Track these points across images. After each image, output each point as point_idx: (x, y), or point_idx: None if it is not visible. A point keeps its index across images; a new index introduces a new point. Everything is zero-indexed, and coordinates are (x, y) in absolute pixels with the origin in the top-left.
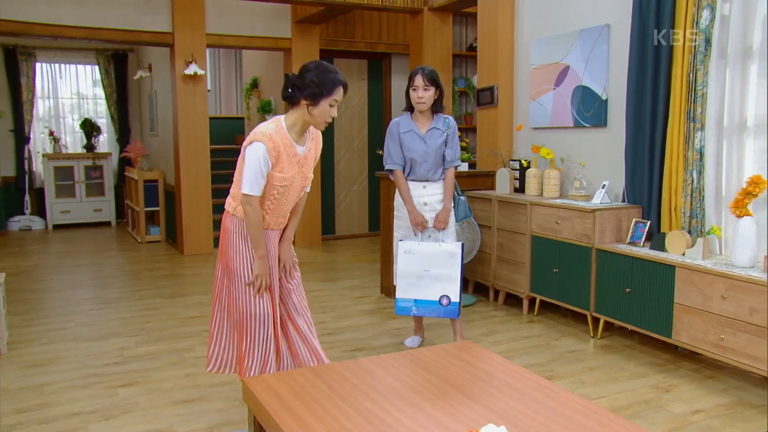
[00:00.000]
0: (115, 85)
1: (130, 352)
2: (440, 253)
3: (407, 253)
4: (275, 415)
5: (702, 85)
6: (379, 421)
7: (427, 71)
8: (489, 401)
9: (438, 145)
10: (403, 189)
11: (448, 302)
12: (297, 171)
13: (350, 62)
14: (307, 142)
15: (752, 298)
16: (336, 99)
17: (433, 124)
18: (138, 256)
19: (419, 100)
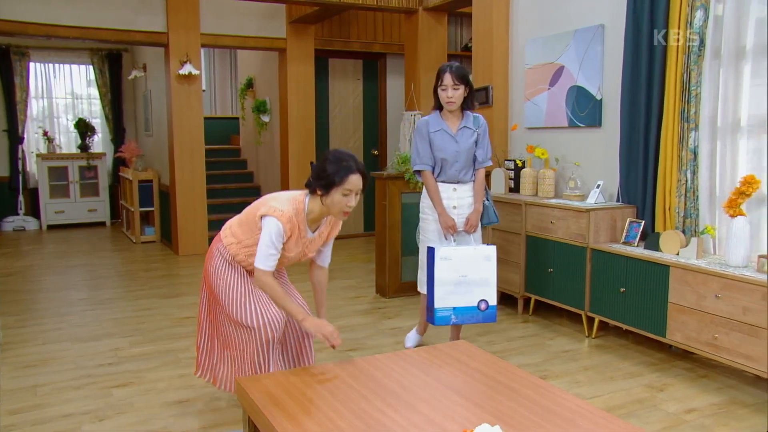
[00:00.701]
0: (110, 85)
1: (124, 353)
2: (477, 258)
3: (444, 260)
4: (269, 415)
5: (696, 85)
6: (373, 420)
7: (456, 68)
8: (483, 401)
9: (469, 144)
10: (433, 190)
11: (486, 307)
12: (299, 251)
13: (345, 62)
14: (321, 227)
15: (746, 298)
16: (348, 188)
17: (463, 123)
18: (133, 256)
19: (449, 100)
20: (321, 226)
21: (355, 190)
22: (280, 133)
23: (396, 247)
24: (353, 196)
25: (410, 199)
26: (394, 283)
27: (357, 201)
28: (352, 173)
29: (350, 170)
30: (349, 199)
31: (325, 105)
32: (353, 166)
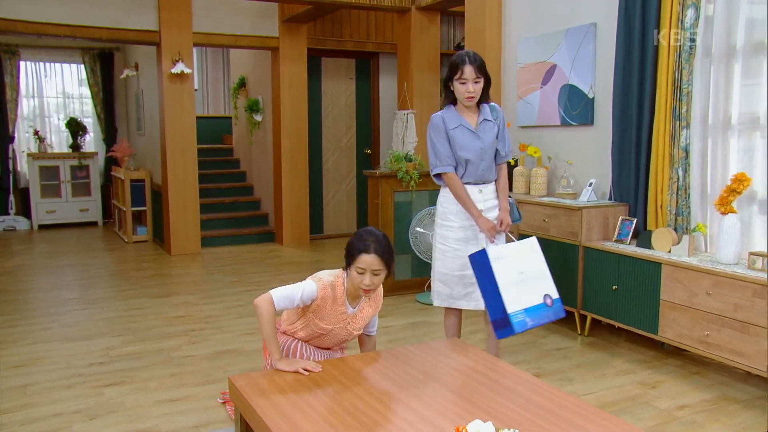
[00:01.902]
0: (102, 84)
1: (115, 352)
2: (524, 251)
3: (498, 259)
4: (261, 412)
5: (687, 84)
6: (366, 418)
7: (478, 60)
8: (476, 398)
9: (492, 139)
10: (463, 192)
11: (551, 302)
12: (341, 327)
13: (338, 61)
14: (362, 303)
15: (736, 295)
16: (361, 267)
17: (482, 116)
18: (124, 256)
19: (469, 95)
20: (361, 303)
21: (368, 269)
22: (272, 133)
23: None
24: (368, 275)
25: (403, 197)
26: (387, 281)
27: (378, 280)
28: (366, 253)
29: (364, 249)
30: (364, 277)
31: (317, 104)
32: (370, 245)
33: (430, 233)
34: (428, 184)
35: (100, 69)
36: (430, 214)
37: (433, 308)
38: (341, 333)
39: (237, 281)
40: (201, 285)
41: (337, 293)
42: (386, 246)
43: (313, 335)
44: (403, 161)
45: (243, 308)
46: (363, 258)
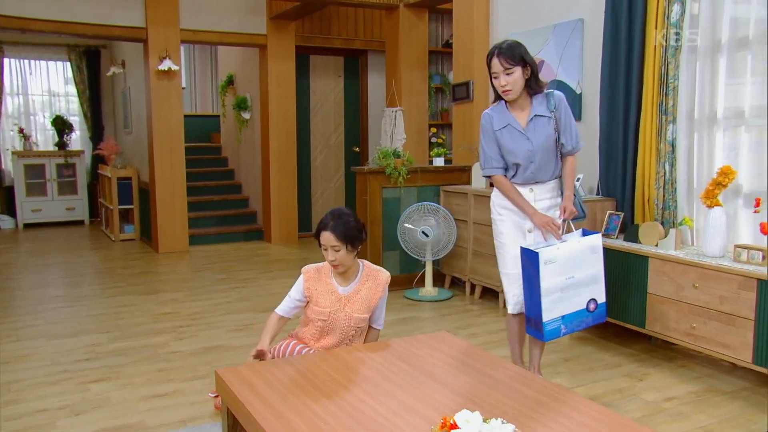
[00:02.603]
0: (88, 82)
1: (101, 349)
2: (582, 252)
3: (549, 263)
4: (249, 405)
5: (673, 79)
6: (353, 409)
7: (505, 49)
8: (464, 389)
9: (546, 137)
10: (513, 193)
11: (595, 306)
12: (339, 309)
13: (326, 59)
14: (355, 284)
15: (722, 287)
16: (322, 244)
17: (534, 111)
18: (111, 254)
19: (504, 89)
20: (353, 284)
21: (327, 245)
22: (260, 131)
23: (377, 243)
24: (330, 252)
25: (391, 194)
26: None
27: (340, 256)
28: (323, 230)
29: (322, 227)
30: (327, 254)
31: (306, 102)
32: (328, 223)
33: (418, 229)
34: (416, 180)
35: (86, 67)
36: (418, 210)
37: (421, 304)
38: (341, 317)
39: (225, 278)
40: (188, 282)
41: (323, 273)
42: (342, 224)
43: (320, 330)
44: (391, 157)
45: (231, 305)
46: (322, 235)
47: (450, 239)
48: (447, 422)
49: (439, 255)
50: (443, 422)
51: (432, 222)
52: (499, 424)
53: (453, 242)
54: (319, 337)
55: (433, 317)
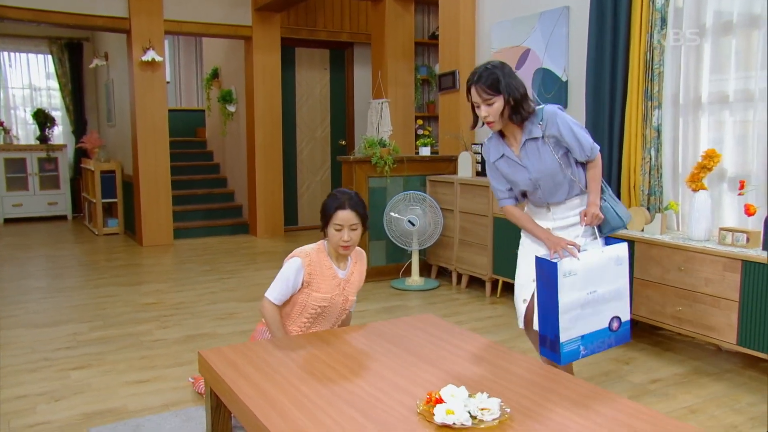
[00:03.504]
0: (70, 75)
1: (83, 337)
2: (606, 263)
3: (568, 275)
4: (232, 384)
5: (659, 64)
6: (338, 388)
7: (484, 77)
8: (450, 367)
9: (543, 160)
10: (523, 219)
11: (618, 325)
12: (338, 293)
13: (312, 51)
14: (350, 266)
15: (707, 269)
16: (338, 223)
17: (525, 136)
18: (94, 247)
19: (486, 120)
20: (349, 266)
21: (345, 224)
22: (246, 124)
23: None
24: (346, 231)
25: (377, 183)
26: None
27: (356, 236)
28: (341, 209)
29: (339, 206)
30: (342, 234)
31: (291, 95)
32: (344, 202)
33: (404, 218)
34: (402, 170)
35: (68, 60)
36: (404, 199)
37: (408, 293)
38: (338, 301)
39: (210, 270)
40: (173, 274)
41: (321, 257)
42: (360, 201)
43: (313, 319)
44: (377, 146)
45: (216, 295)
46: (339, 214)
47: (436, 228)
48: (432, 397)
49: (426, 244)
50: (428, 397)
51: (418, 211)
52: (485, 398)
53: (439, 231)
54: (310, 327)
55: (419, 306)
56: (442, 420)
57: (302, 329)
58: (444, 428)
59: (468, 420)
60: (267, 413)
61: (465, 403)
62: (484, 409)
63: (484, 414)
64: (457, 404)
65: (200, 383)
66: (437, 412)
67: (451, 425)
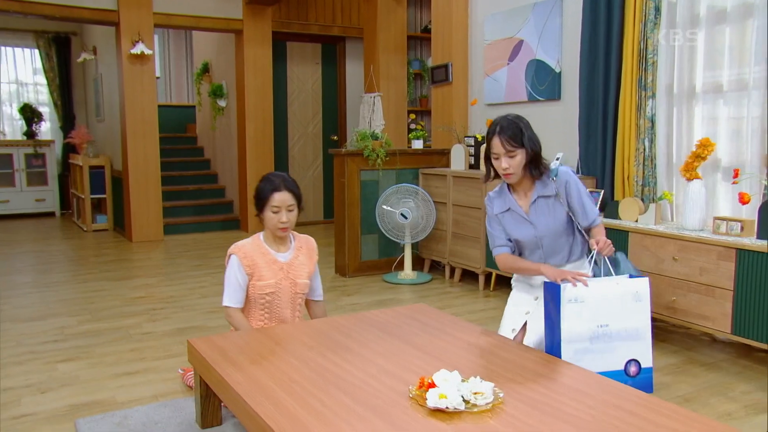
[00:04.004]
0: (58, 69)
1: (71, 330)
2: (621, 296)
3: (573, 302)
4: (222, 371)
5: (653, 53)
6: (329, 373)
7: (507, 128)
8: (442, 354)
9: (553, 219)
10: (519, 263)
11: (637, 371)
12: (282, 277)
13: (304, 46)
14: (293, 250)
15: (702, 258)
16: (275, 205)
17: (537, 193)
18: (83, 243)
19: (505, 172)
20: (291, 249)
21: (282, 206)
22: (237, 119)
23: (355, 226)
24: (283, 212)
25: (369, 176)
26: (353, 262)
27: (292, 217)
28: (277, 191)
29: (275, 188)
30: (280, 215)
31: (283, 89)
32: (279, 184)
33: (396, 211)
34: (395, 163)
35: (56, 54)
36: (397, 192)
37: (400, 287)
38: (286, 286)
39: (201, 265)
40: (163, 269)
41: (258, 246)
42: (294, 182)
43: (267, 310)
44: (369, 139)
45: (206, 289)
46: (276, 196)
47: (429, 221)
48: (424, 382)
49: (418, 237)
50: (421, 382)
51: (411, 204)
52: (478, 381)
53: (432, 224)
54: (269, 319)
55: (412, 299)
56: (434, 404)
57: (263, 322)
58: (436, 412)
59: (461, 404)
60: (258, 400)
61: (458, 388)
62: (477, 393)
63: (477, 398)
64: (450, 388)
65: (189, 375)
66: (430, 396)
67: (443, 409)
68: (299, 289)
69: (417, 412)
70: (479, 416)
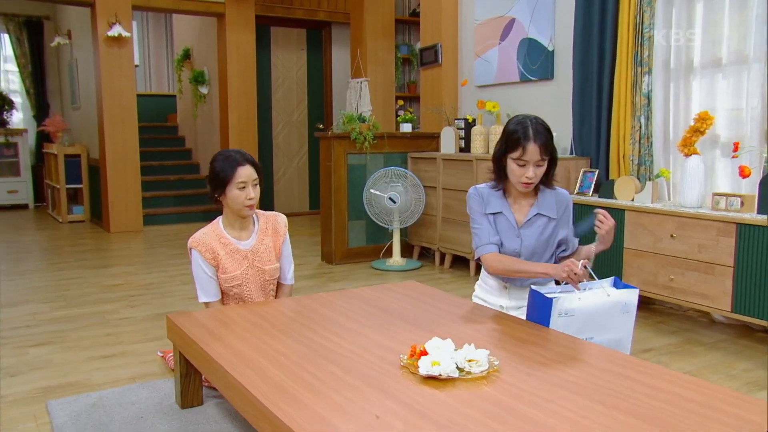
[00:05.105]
0: (30, 56)
1: (43, 316)
2: (609, 309)
3: (564, 316)
4: (204, 345)
5: (649, 27)
6: (317, 346)
7: (542, 134)
8: (434, 326)
9: (540, 239)
10: (513, 263)
11: None
12: (247, 266)
13: (288, 31)
14: (256, 234)
15: (701, 235)
16: (241, 181)
17: (536, 209)
18: (58, 234)
19: (528, 181)
20: (254, 234)
21: (248, 181)
22: (219, 106)
23: (342, 211)
24: (250, 188)
25: (356, 160)
26: (340, 248)
27: (257, 193)
28: (240, 165)
29: (238, 163)
30: (247, 191)
31: (267, 77)
32: (240, 158)
33: (385, 195)
34: (383, 146)
35: (27, 39)
36: (385, 176)
37: (389, 273)
38: (252, 275)
39: (182, 254)
40: (142, 258)
41: (217, 235)
42: (250, 156)
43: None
44: (356, 121)
45: (187, 276)
46: (240, 171)
47: (418, 206)
48: (416, 350)
49: (407, 222)
50: (412, 350)
51: (400, 188)
52: (472, 349)
53: (422, 209)
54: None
55: None
56: (427, 371)
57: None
58: (429, 379)
59: (454, 372)
60: (242, 372)
61: (451, 355)
62: (471, 360)
63: (471, 365)
64: (443, 356)
65: (170, 357)
66: (422, 363)
67: (437, 376)
68: (268, 276)
69: (409, 380)
70: (474, 383)
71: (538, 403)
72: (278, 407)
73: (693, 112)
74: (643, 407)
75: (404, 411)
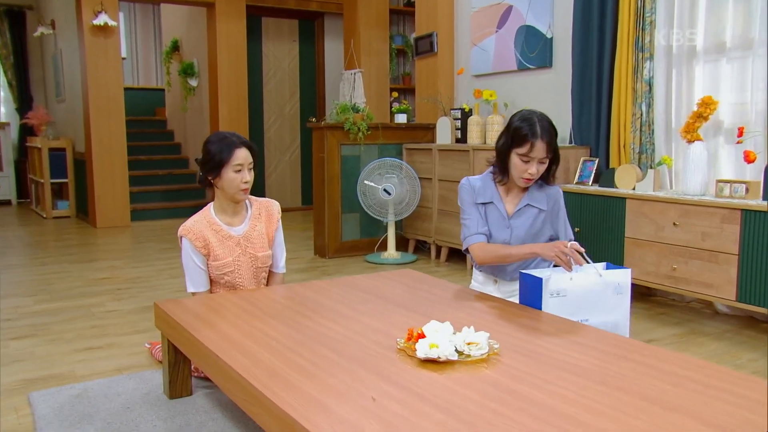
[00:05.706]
0: (12, 46)
1: (25, 310)
2: (603, 289)
3: (556, 296)
4: (194, 331)
5: (650, 12)
6: (311, 331)
7: (548, 131)
8: (431, 312)
9: (529, 230)
10: (501, 249)
11: None
12: (240, 253)
13: (280, 22)
14: (249, 220)
15: (704, 223)
16: (238, 164)
17: (527, 200)
18: (42, 229)
19: (529, 177)
20: (247, 219)
21: (245, 164)
22: (209, 99)
23: (336, 203)
24: (246, 171)
25: (350, 151)
26: (334, 242)
27: (252, 176)
28: (237, 147)
29: (234, 145)
30: (243, 174)
31: (258, 68)
32: (236, 140)
33: (379, 187)
34: (377, 137)
35: (9, 30)
36: (380, 167)
37: (384, 267)
38: (245, 262)
39: (170, 248)
40: (130, 252)
41: (208, 222)
42: (246, 138)
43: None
44: (350, 111)
45: (176, 270)
46: (237, 153)
47: (414, 197)
48: (413, 333)
49: (403, 214)
50: (409, 333)
51: (394, 180)
52: (471, 332)
53: (417, 201)
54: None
55: None
56: (425, 354)
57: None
58: (427, 363)
59: (453, 354)
60: (233, 356)
61: (450, 338)
62: (471, 343)
63: (471, 348)
64: (442, 339)
65: (158, 348)
66: (419, 346)
67: (435, 359)
68: (260, 263)
69: (406, 363)
70: (474, 365)
71: (540, 384)
72: (271, 390)
73: (696, 99)
74: (647, 387)
75: (401, 393)
